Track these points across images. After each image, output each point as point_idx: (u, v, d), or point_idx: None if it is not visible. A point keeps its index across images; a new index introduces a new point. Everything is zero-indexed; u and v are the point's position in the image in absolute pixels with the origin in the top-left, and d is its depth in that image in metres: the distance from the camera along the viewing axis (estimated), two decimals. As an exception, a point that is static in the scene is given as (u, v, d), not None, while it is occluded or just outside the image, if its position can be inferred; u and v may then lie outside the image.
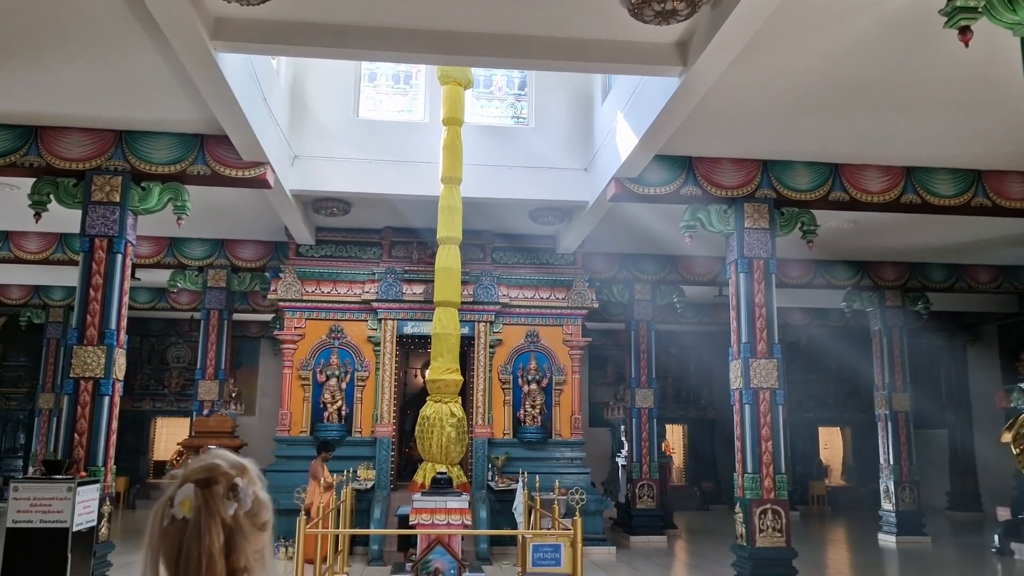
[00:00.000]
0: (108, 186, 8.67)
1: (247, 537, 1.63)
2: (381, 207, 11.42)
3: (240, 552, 1.61)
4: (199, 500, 1.57)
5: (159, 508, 1.62)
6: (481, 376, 12.36)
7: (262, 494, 1.71)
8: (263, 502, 1.70)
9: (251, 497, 1.65)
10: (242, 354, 20.37)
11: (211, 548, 1.55)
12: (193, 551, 1.55)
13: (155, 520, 1.63)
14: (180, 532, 1.56)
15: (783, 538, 8.84)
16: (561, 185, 10.65)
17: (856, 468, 20.66)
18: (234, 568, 1.60)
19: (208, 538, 1.55)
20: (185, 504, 1.57)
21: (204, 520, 1.57)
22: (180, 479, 1.63)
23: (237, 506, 1.61)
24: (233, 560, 1.60)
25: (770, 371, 9.12)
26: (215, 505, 1.58)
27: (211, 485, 1.60)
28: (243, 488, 1.65)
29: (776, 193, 9.39)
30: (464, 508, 7.27)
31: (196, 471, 1.65)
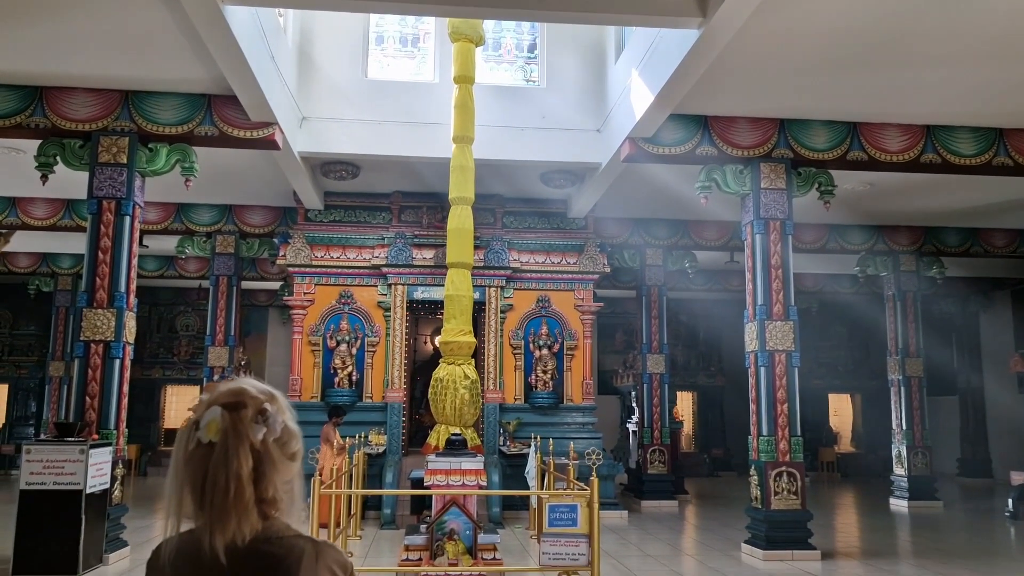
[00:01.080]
0: (115, 147, 8.55)
1: (276, 465, 1.53)
2: (391, 170, 11.27)
3: (269, 481, 1.51)
4: (226, 423, 1.48)
5: (184, 433, 1.53)
6: (492, 341, 12.29)
7: (292, 424, 1.62)
8: (293, 431, 1.60)
9: (280, 424, 1.55)
10: (251, 323, 20.36)
11: (239, 472, 1.46)
12: (220, 475, 1.46)
13: (180, 445, 1.53)
14: (206, 457, 1.47)
15: (798, 500, 8.80)
16: (573, 146, 10.48)
17: (866, 435, 20.64)
18: (262, 497, 1.50)
19: (236, 462, 1.46)
20: (211, 427, 1.48)
21: (232, 443, 1.47)
22: (206, 403, 1.54)
23: (266, 431, 1.51)
24: (262, 488, 1.50)
25: (786, 333, 9.01)
26: (243, 428, 1.48)
27: (239, 409, 1.50)
28: (272, 414, 1.54)
29: (793, 153, 9.22)
30: (480, 469, 7.21)
31: (223, 395, 1.55)
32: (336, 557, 1.56)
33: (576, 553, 6.60)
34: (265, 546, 1.50)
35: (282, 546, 1.51)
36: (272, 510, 1.55)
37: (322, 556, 1.53)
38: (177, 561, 1.55)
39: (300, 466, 1.64)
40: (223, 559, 1.46)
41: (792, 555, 8.63)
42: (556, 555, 6.61)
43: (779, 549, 8.65)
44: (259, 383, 1.64)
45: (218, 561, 1.47)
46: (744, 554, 9.00)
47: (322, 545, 1.56)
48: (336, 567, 1.54)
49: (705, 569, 8.28)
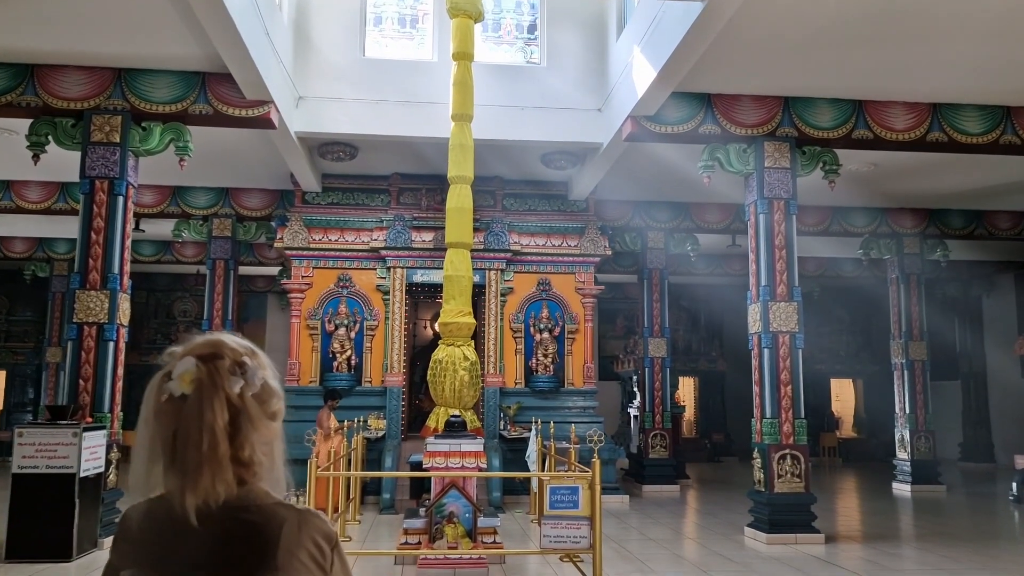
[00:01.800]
0: (108, 126, 8.40)
1: (254, 423, 1.40)
2: (389, 151, 11.12)
3: (246, 438, 1.39)
4: (201, 373, 1.36)
5: (155, 385, 1.39)
6: (492, 325, 12.16)
7: (273, 382, 1.48)
8: (273, 389, 1.47)
9: (260, 379, 1.42)
10: (249, 309, 20.23)
11: (213, 425, 1.34)
12: (192, 428, 1.33)
13: (150, 398, 1.40)
14: (178, 411, 1.35)
15: (802, 484, 8.70)
16: (574, 126, 10.32)
17: (868, 420, 20.56)
18: (239, 455, 1.38)
19: (210, 414, 1.34)
20: (185, 378, 1.36)
21: (206, 394, 1.35)
22: (180, 354, 1.41)
23: (244, 384, 1.39)
24: (238, 445, 1.37)
25: (790, 314, 8.89)
26: (219, 379, 1.36)
27: (215, 359, 1.38)
28: (251, 367, 1.42)
29: (797, 131, 9.07)
30: (479, 451, 7.10)
31: (198, 345, 1.42)
32: (320, 526, 1.42)
33: (577, 536, 6.49)
34: (243, 514, 1.38)
35: (261, 514, 1.39)
36: (250, 475, 1.42)
37: (305, 525, 1.40)
38: (146, 527, 1.42)
39: (281, 428, 1.51)
40: (194, 520, 1.33)
41: (796, 539, 8.54)
42: (557, 538, 6.50)
43: (782, 532, 8.56)
44: (239, 338, 1.52)
45: (190, 525, 1.35)
46: (747, 538, 8.91)
47: (305, 513, 1.43)
48: (320, 537, 1.41)
49: (708, 553, 8.19)
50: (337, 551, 1.44)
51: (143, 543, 1.41)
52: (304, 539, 1.38)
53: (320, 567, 1.40)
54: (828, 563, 7.70)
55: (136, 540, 1.42)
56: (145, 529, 1.42)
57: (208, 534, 1.36)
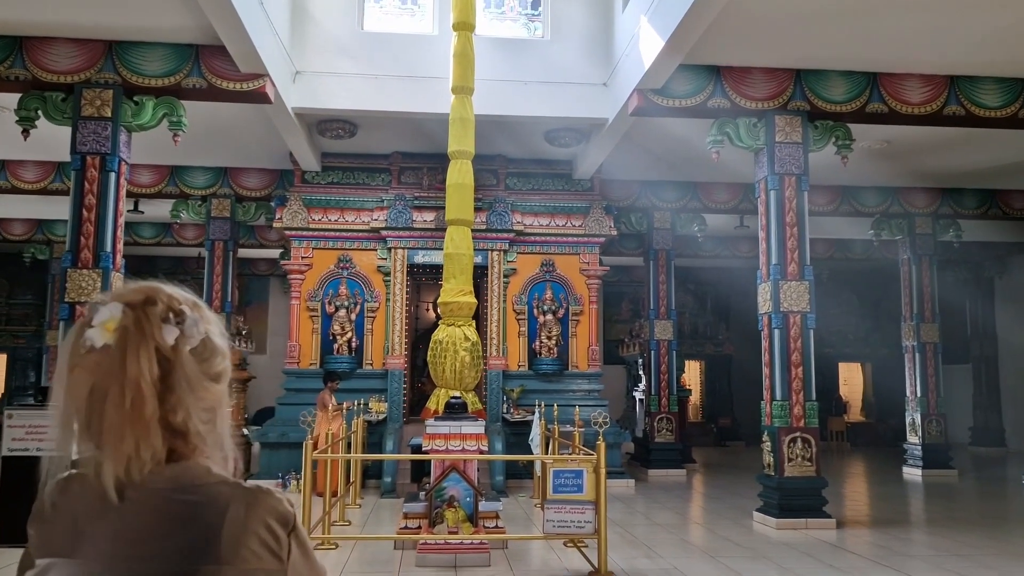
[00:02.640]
0: (99, 100, 8.16)
1: (192, 383, 1.17)
2: (389, 129, 10.86)
3: (180, 400, 1.16)
4: (127, 320, 1.13)
5: (73, 334, 1.16)
6: (495, 307, 11.94)
7: (218, 339, 1.25)
8: (217, 346, 1.24)
9: (201, 333, 1.20)
10: (251, 292, 20.06)
11: (139, 379, 1.11)
12: (112, 383, 1.11)
13: (66, 351, 1.17)
14: (99, 364, 1.12)
15: (813, 467, 8.47)
16: (579, 101, 10.03)
17: (876, 404, 20.32)
18: (170, 419, 1.15)
19: (135, 366, 1.11)
20: (108, 325, 1.13)
21: (132, 343, 1.13)
22: (106, 300, 1.19)
23: (180, 336, 1.16)
24: (170, 407, 1.15)
25: (801, 293, 8.64)
26: (149, 327, 1.14)
27: (146, 305, 1.16)
28: (190, 317, 1.19)
29: (810, 105, 8.79)
30: (481, 433, 6.88)
31: (127, 292, 1.19)
32: (273, 506, 1.19)
33: (582, 521, 6.30)
34: (178, 495, 1.15)
35: (201, 495, 1.16)
36: (186, 447, 1.20)
37: (255, 507, 1.17)
38: (63, 510, 1.19)
39: (226, 393, 1.28)
40: (113, 496, 1.12)
41: (806, 523, 8.33)
42: (561, 523, 6.31)
43: (793, 517, 8.35)
44: (182, 290, 1.29)
45: (112, 506, 1.12)
46: (756, 523, 8.70)
47: (255, 492, 1.19)
48: (273, 520, 1.18)
49: (716, 538, 7.98)
50: (295, 535, 1.22)
51: (59, 529, 1.18)
52: (254, 523, 1.16)
53: (275, 555, 1.18)
54: (840, 549, 7.49)
55: (51, 525, 1.19)
56: (61, 511, 1.19)
57: (136, 519, 1.14)
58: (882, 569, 6.69)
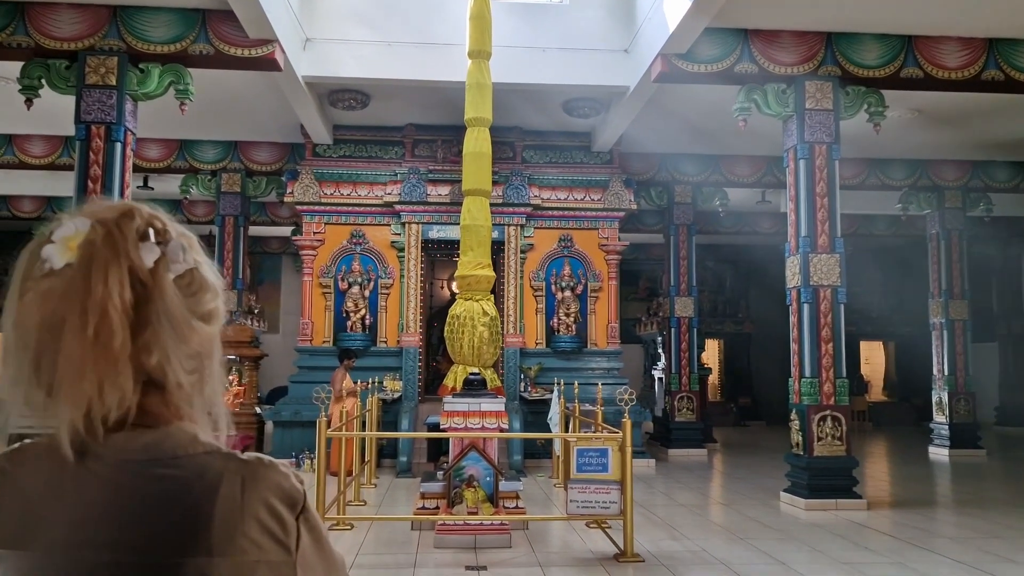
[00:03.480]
0: (103, 68, 7.88)
1: (173, 320, 0.92)
2: (402, 99, 10.54)
3: (156, 339, 0.90)
4: (95, 235, 0.89)
5: (28, 253, 0.92)
6: (512, 283, 11.64)
7: (209, 273, 0.99)
8: (208, 281, 0.98)
9: (190, 260, 0.96)
10: (263, 270, 19.87)
11: (104, 303, 0.87)
12: (72, 309, 0.87)
13: (20, 272, 0.92)
14: (55, 290, 0.89)
15: (843, 446, 8.18)
16: (600, 68, 9.66)
17: (899, 383, 19.96)
18: (142, 361, 0.90)
19: (102, 288, 0.87)
20: (71, 241, 0.89)
21: (99, 261, 0.89)
22: (71, 215, 0.94)
23: (162, 259, 0.92)
24: (143, 345, 0.90)
25: (832, 267, 8.31)
26: (122, 243, 0.91)
27: (120, 221, 0.93)
28: (176, 239, 0.95)
29: (841, 70, 8.41)
30: (501, 411, 6.62)
31: (102, 207, 0.94)
32: (278, 484, 0.93)
33: (607, 501, 6.05)
34: (155, 468, 0.90)
35: (186, 468, 0.91)
36: (165, 407, 0.94)
37: (254, 483, 0.92)
38: (12, 486, 0.94)
39: (218, 340, 1.01)
40: (68, 451, 0.88)
41: (836, 504, 8.04)
42: (585, 503, 6.06)
43: (822, 498, 8.06)
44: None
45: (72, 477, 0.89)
46: (784, 503, 8.42)
47: (254, 466, 0.93)
48: (278, 500, 0.93)
49: (743, 519, 7.71)
50: (305, 518, 0.96)
51: (8, 513, 0.92)
52: (253, 504, 0.91)
53: (280, 543, 0.92)
54: (873, 530, 7.20)
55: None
56: (11, 491, 0.93)
57: (102, 499, 0.89)
58: (918, 551, 6.41)
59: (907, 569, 5.80)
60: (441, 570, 5.65)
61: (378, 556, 6.11)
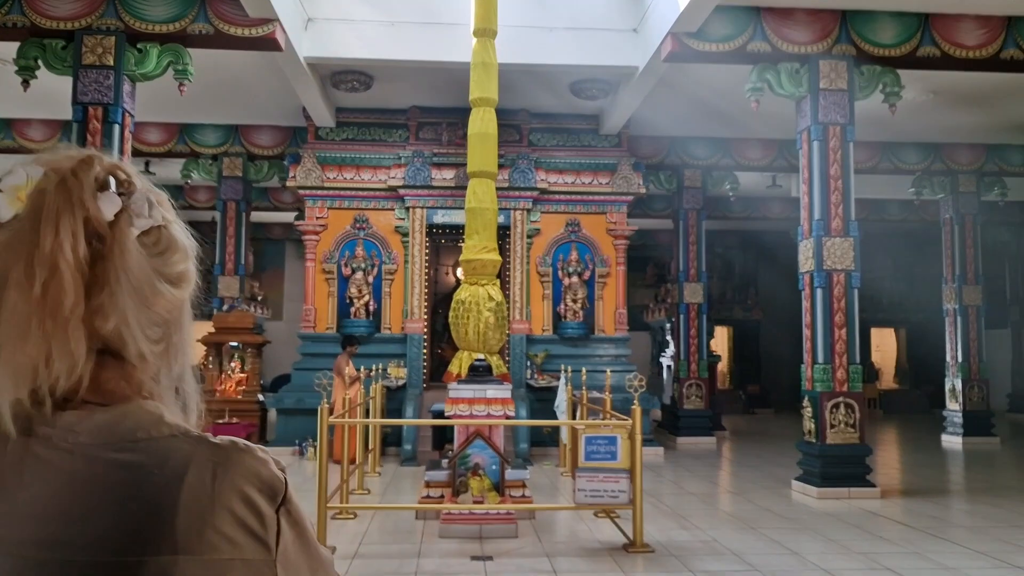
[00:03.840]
0: (100, 47, 7.71)
1: (135, 281, 0.81)
2: (406, 81, 10.35)
3: (114, 301, 0.79)
4: (48, 183, 0.80)
5: None
6: (518, 268, 11.47)
7: (180, 235, 0.87)
8: (178, 241, 0.86)
9: (156, 221, 0.85)
10: (266, 257, 19.73)
11: (54, 256, 0.76)
12: (17, 263, 0.77)
13: None
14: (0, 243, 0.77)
15: (856, 434, 8.01)
16: (608, 48, 9.44)
17: (911, 370, 19.76)
18: (96, 325, 0.79)
19: (51, 240, 0.77)
20: (20, 191, 0.80)
21: (50, 210, 0.78)
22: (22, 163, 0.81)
23: (124, 212, 0.82)
24: (97, 306, 0.79)
25: (846, 251, 8.12)
26: (77, 191, 0.80)
27: (77, 169, 0.81)
28: (142, 192, 0.85)
29: (856, 49, 8.19)
30: (507, 398, 6.46)
31: (58, 156, 0.82)
32: (256, 470, 0.81)
33: (616, 490, 5.89)
34: (112, 453, 0.79)
35: (147, 453, 0.79)
36: (125, 381, 0.83)
37: (227, 470, 0.79)
38: None
39: (188, 308, 0.89)
40: (10, 426, 0.77)
41: (849, 493, 7.88)
42: (593, 492, 5.91)
43: (835, 486, 7.89)
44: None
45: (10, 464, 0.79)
46: (795, 492, 8.26)
47: (227, 450, 0.81)
48: (255, 490, 0.80)
49: (754, 508, 7.55)
50: (287, 511, 0.83)
51: None
52: (225, 494, 0.78)
53: (257, 539, 0.79)
54: (887, 519, 7.04)
55: None
56: None
57: (49, 488, 0.77)
58: (935, 540, 6.25)
59: (925, 559, 5.64)
60: (446, 560, 5.51)
61: (382, 546, 5.97)
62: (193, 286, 0.91)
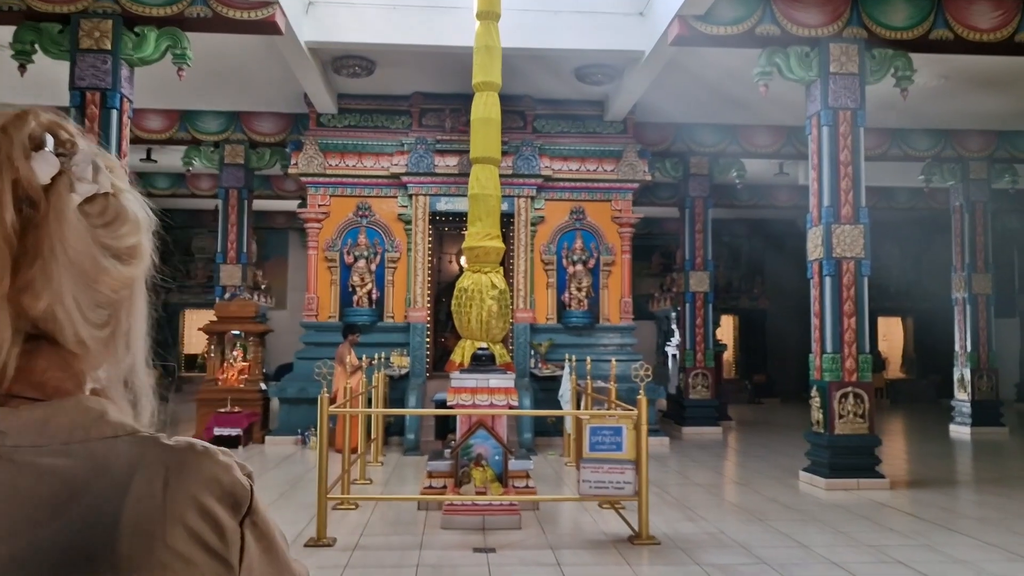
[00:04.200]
0: (97, 31, 7.58)
1: (76, 253, 0.71)
2: (409, 66, 10.20)
3: (47, 276, 0.70)
4: None
5: None
6: (522, 256, 11.35)
7: (132, 204, 0.76)
8: (128, 211, 0.75)
9: (104, 188, 0.75)
10: (270, 246, 19.64)
11: None
12: None
13: None
14: None
15: (866, 424, 7.88)
16: (613, 32, 9.28)
17: (917, 360, 19.61)
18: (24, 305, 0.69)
19: None
20: None
21: None
22: None
23: (62, 175, 0.72)
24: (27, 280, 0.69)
25: (856, 238, 7.98)
26: (5, 150, 0.70)
27: (11, 124, 0.72)
28: (85, 152, 0.75)
29: (868, 32, 8.03)
30: (510, 387, 6.35)
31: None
32: (215, 477, 0.71)
33: (621, 481, 5.79)
34: (44, 457, 0.68)
35: (85, 456, 0.69)
36: (59, 371, 0.73)
37: (180, 476, 0.69)
38: None
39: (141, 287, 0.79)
40: None
41: (858, 484, 7.77)
42: (598, 483, 5.80)
43: (843, 477, 7.78)
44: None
45: None
46: (803, 483, 8.15)
47: (182, 453, 0.70)
48: (214, 500, 0.70)
49: (761, 499, 7.44)
50: (253, 522, 0.72)
51: None
52: (179, 505, 0.68)
53: (216, 557, 0.69)
54: (897, 510, 6.93)
55: None
56: None
57: None
58: (945, 532, 6.14)
59: (936, 552, 5.52)
60: (448, 552, 5.42)
61: (383, 537, 5.88)
62: (147, 264, 0.80)
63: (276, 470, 8.79)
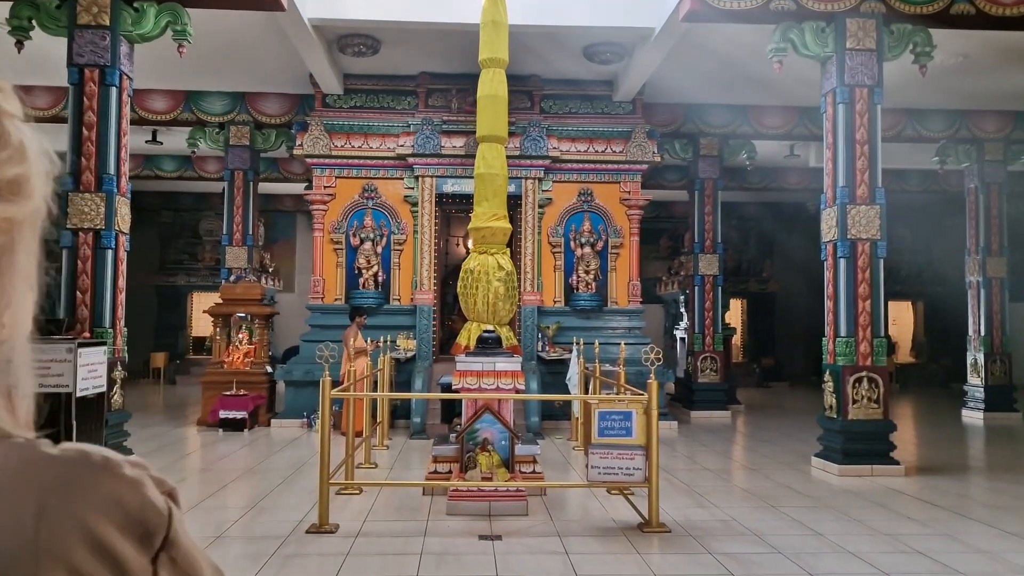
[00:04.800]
0: (95, 7, 7.42)
1: None
2: (414, 45, 10.01)
3: None
4: None
5: None
6: (529, 239, 11.19)
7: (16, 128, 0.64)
8: (9, 134, 0.63)
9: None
10: (277, 229, 19.54)
11: None
12: None
13: None
14: None
15: (880, 409, 7.73)
16: (623, 8, 9.07)
17: (928, 344, 19.40)
18: None
19: None
20: None
21: None
22: None
23: None
24: None
25: (872, 219, 7.79)
26: None
27: None
28: None
29: (885, 6, 7.80)
30: (516, 371, 6.22)
31: None
32: (117, 497, 0.53)
33: (631, 467, 5.66)
34: None
35: None
36: None
37: (67, 499, 0.50)
38: None
39: (33, 232, 0.64)
40: None
41: (871, 470, 7.63)
42: (607, 469, 5.67)
43: (857, 463, 7.64)
44: None
45: None
46: (815, 468, 8.01)
47: (72, 466, 0.53)
48: (110, 524, 0.52)
49: (773, 485, 7.31)
50: (169, 559, 0.55)
51: None
52: (61, 538, 0.50)
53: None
54: (913, 497, 6.79)
55: None
56: None
57: None
58: (964, 521, 5.99)
59: (955, 541, 5.39)
60: (453, 539, 5.30)
61: (387, 523, 5.76)
62: (37, 208, 0.64)
63: (281, 453, 8.70)
